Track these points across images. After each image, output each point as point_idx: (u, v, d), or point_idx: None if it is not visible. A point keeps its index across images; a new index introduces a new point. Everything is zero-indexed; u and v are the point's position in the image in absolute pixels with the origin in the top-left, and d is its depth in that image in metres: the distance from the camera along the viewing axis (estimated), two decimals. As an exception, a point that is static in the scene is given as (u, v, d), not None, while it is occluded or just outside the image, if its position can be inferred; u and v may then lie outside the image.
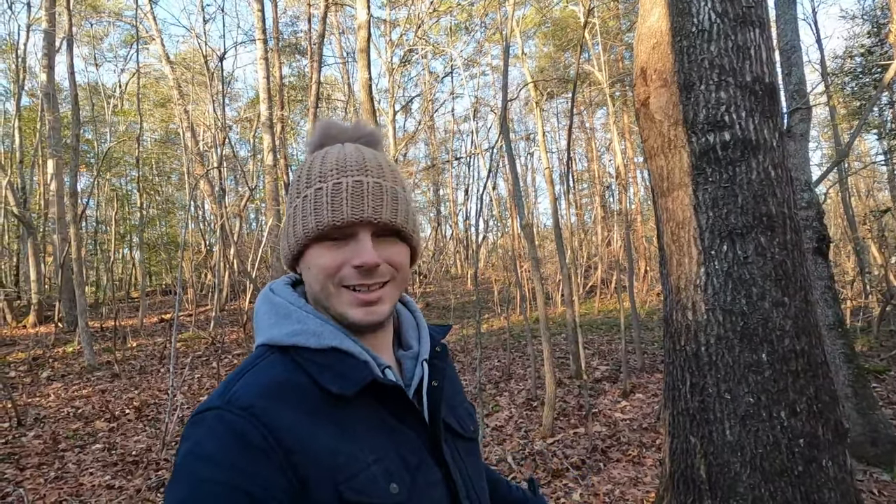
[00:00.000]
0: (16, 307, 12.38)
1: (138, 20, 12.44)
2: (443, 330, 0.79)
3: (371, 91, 5.69)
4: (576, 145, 20.94)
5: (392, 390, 0.61)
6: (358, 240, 0.61)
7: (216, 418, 0.52)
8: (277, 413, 0.54)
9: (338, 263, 0.61)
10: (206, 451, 0.50)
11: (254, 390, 0.55)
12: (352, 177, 0.62)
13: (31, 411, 5.39)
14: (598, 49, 7.51)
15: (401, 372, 0.70)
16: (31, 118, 15.17)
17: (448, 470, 0.64)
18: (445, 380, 0.70)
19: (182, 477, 0.50)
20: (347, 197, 0.61)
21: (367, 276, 0.61)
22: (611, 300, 12.20)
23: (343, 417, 0.58)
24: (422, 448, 0.63)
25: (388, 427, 0.61)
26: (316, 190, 0.62)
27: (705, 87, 1.94)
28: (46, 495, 3.29)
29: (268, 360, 0.60)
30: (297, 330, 0.61)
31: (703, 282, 1.92)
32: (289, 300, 0.65)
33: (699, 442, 1.90)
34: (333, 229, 0.61)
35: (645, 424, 4.15)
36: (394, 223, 0.63)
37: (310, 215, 0.61)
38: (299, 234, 0.62)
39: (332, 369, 0.59)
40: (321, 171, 0.63)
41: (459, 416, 0.73)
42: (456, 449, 0.68)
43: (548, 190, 6.55)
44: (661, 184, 2.09)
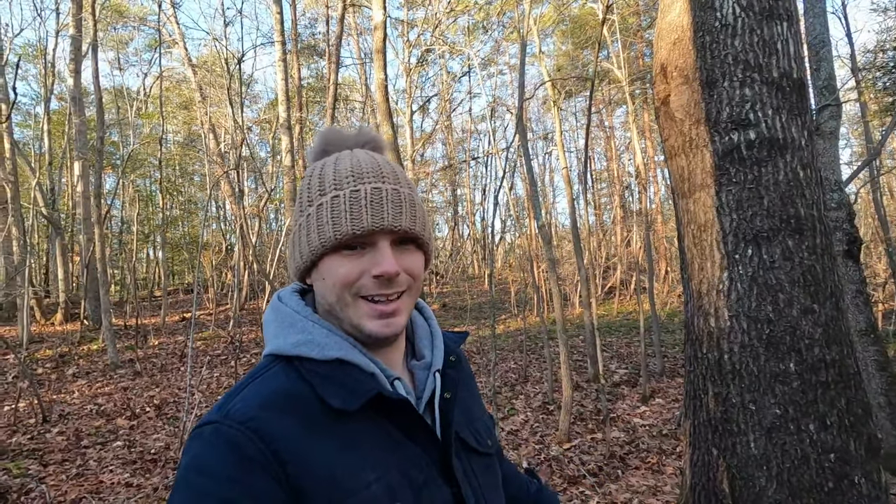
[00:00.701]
0: (45, 305, 12.76)
1: (161, 24, 12.70)
2: (459, 337, 0.76)
3: (387, 92, 5.67)
4: (595, 144, 20.69)
5: (399, 404, 0.59)
6: (377, 248, 0.59)
7: (214, 432, 0.52)
8: (276, 426, 0.53)
9: (356, 273, 0.59)
10: (204, 464, 0.50)
11: (254, 402, 0.54)
12: (370, 184, 0.60)
13: (57, 408, 5.53)
14: (618, 46, 7.37)
15: (413, 383, 0.67)
16: (59, 121, 15.64)
17: (459, 488, 0.61)
18: (460, 391, 0.68)
19: (182, 490, 0.50)
20: (367, 204, 0.59)
21: (387, 286, 0.59)
22: (630, 302, 12.00)
23: (346, 432, 0.56)
24: (430, 464, 0.60)
25: (394, 442, 0.58)
26: (332, 198, 0.60)
27: (729, 83, 1.86)
28: (67, 492, 3.35)
29: (271, 371, 0.59)
30: (301, 340, 0.59)
31: (727, 287, 1.84)
32: (295, 309, 0.63)
33: (722, 454, 1.82)
34: (352, 238, 0.59)
35: (665, 431, 4.04)
36: (413, 230, 0.61)
37: (326, 224, 0.59)
38: (314, 244, 0.60)
39: (335, 382, 0.57)
40: (335, 178, 0.61)
41: (475, 430, 0.70)
42: (469, 465, 0.65)
43: (565, 190, 6.45)
44: (681, 185, 2.01)
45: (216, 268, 15.09)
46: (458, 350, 0.74)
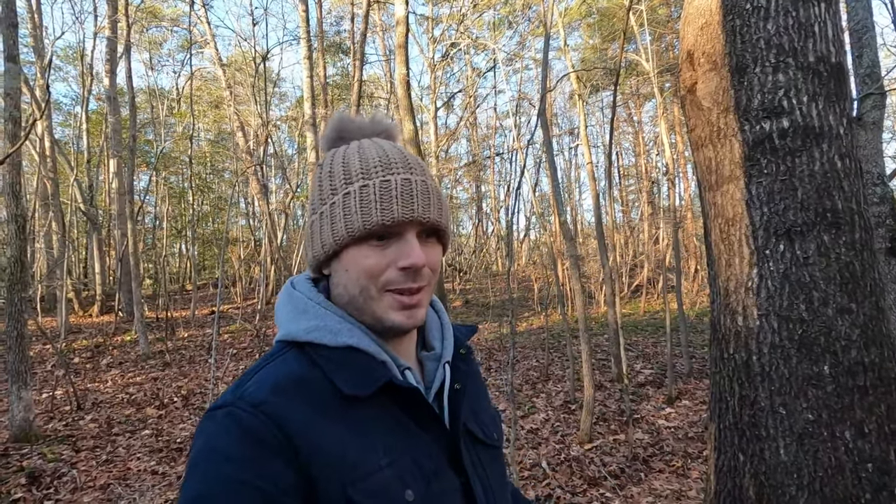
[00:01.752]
0: (83, 297, 13.29)
1: (193, 25, 13.01)
2: (468, 331, 0.76)
3: (409, 87, 5.66)
4: (622, 139, 20.26)
5: (409, 392, 0.59)
6: (405, 240, 0.59)
7: (227, 415, 0.52)
8: (288, 410, 0.53)
9: (383, 265, 0.59)
10: (218, 447, 0.50)
11: (266, 386, 0.54)
12: (400, 174, 0.59)
13: (91, 396, 5.74)
14: (647, 38, 7.16)
15: (422, 374, 0.67)
16: (97, 121, 16.22)
17: (468, 478, 0.61)
18: (469, 383, 0.68)
19: (195, 473, 0.50)
20: (397, 195, 0.58)
21: (413, 279, 0.59)
22: (657, 300, 11.71)
23: (357, 418, 0.56)
24: (440, 454, 0.60)
25: (404, 430, 0.58)
26: (361, 187, 0.59)
27: (761, 69, 1.75)
28: (97, 477, 3.47)
29: (283, 356, 0.59)
30: (314, 326, 0.59)
31: (756, 284, 1.74)
32: (308, 295, 0.63)
33: (749, 460, 1.73)
34: (382, 228, 0.58)
35: (691, 434, 3.91)
36: (439, 223, 0.61)
37: (355, 213, 0.58)
38: (340, 234, 0.59)
39: (347, 368, 0.57)
40: (362, 167, 0.60)
41: (483, 423, 0.70)
42: (477, 456, 0.65)
43: (590, 186, 6.32)
44: (708, 177, 1.92)
45: (244, 263, 15.43)
46: (468, 343, 0.73)
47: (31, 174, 15.34)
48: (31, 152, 11.81)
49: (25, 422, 4.20)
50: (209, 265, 20.98)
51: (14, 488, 3.27)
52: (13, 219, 4.28)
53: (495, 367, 6.48)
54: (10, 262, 4.31)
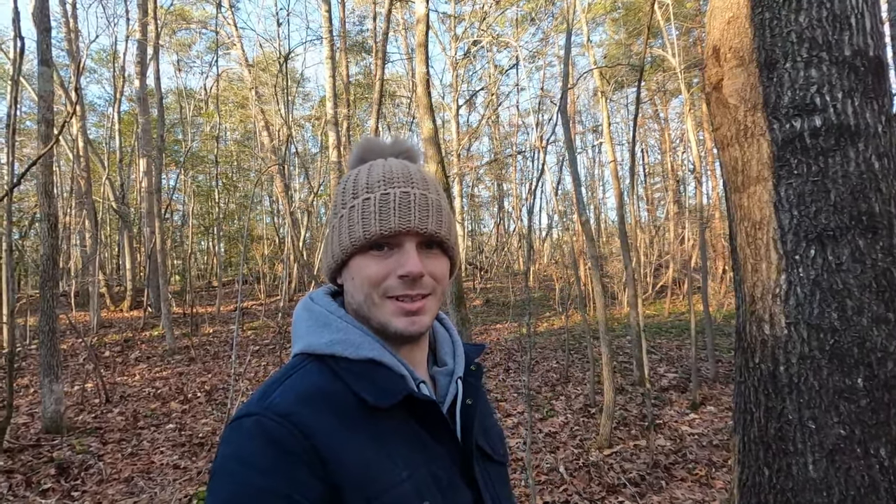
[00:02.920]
0: (115, 293, 13.74)
1: (220, 27, 13.26)
2: (477, 349, 0.77)
3: (428, 85, 5.64)
4: (648, 136, 19.85)
5: (427, 406, 0.61)
6: (404, 250, 0.62)
7: (255, 424, 0.53)
8: (314, 421, 0.54)
9: (383, 273, 0.61)
10: (246, 455, 0.51)
11: (292, 397, 0.56)
12: (399, 188, 0.63)
13: (119, 389, 5.91)
14: (673, 33, 6.97)
15: (434, 389, 0.69)
16: (129, 121, 16.72)
17: (479, 493, 0.63)
18: (479, 400, 0.69)
19: (223, 481, 0.51)
20: (395, 207, 0.62)
21: (412, 287, 0.62)
22: (683, 302, 11.43)
23: (378, 430, 0.58)
24: (453, 468, 0.62)
25: (421, 443, 0.60)
26: (363, 200, 0.62)
27: (791, 64, 1.66)
28: (121, 470, 3.56)
29: (306, 368, 0.60)
30: (336, 339, 0.61)
31: (784, 291, 1.66)
32: (328, 309, 0.65)
33: (775, 475, 1.65)
34: (381, 238, 0.61)
35: (716, 441, 3.79)
36: (438, 234, 0.64)
37: (357, 224, 0.62)
38: (345, 244, 0.63)
39: (368, 380, 0.59)
40: (367, 182, 0.64)
41: (491, 439, 0.72)
42: (487, 472, 0.67)
43: (613, 184, 6.19)
44: (734, 178, 1.84)
45: (268, 260, 15.69)
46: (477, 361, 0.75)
47: (66, 173, 15.93)
48: (66, 152, 12.24)
49: (56, 414, 4.35)
50: (235, 262, 21.43)
51: (44, 478, 3.39)
52: (46, 217, 4.42)
53: (514, 369, 6.42)
54: (43, 259, 4.46)
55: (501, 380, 5.91)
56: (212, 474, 0.53)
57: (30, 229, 12.88)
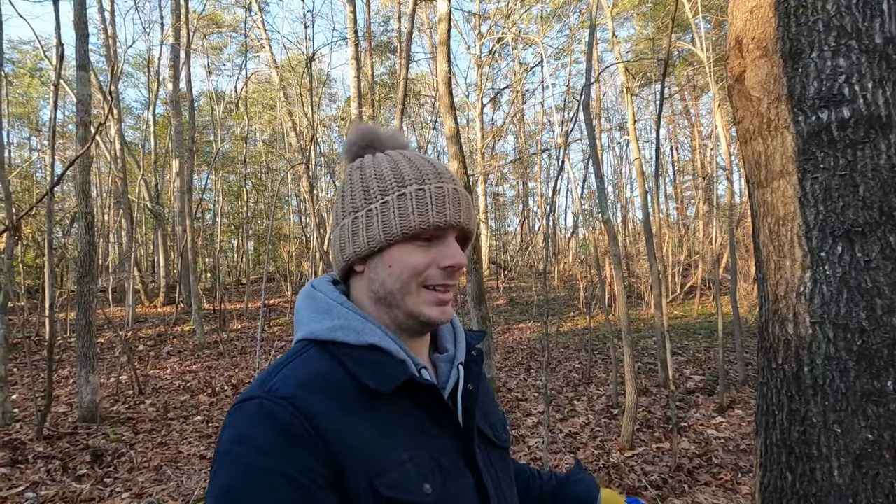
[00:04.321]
0: (150, 289, 14.25)
1: (250, 30, 13.58)
2: (478, 336, 0.78)
3: (450, 84, 5.64)
4: (678, 133, 19.37)
5: (428, 390, 0.61)
6: (447, 243, 0.64)
7: (257, 407, 0.54)
8: (316, 404, 0.55)
9: (426, 263, 0.63)
10: (249, 438, 0.52)
11: (293, 381, 0.57)
12: (450, 183, 0.65)
13: (152, 381, 6.13)
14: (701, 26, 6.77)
15: (436, 375, 0.70)
16: (163, 123, 17.31)
17: (480, 477, 0.64)
18: (480, 385, 0.70)
19: (227, 463, 0.52)
20: (450, 201, 0.63)
21: (451, 277, 0.64)
22: (712, 303, 11.11)
23: (379, 414, 0.58)
24: (455, 452, 0.63)
25: (423, 428, 0.61)
26: (417, 190, 0.63)
27: (818, 54, 1.60)
28: (151, 459, 3.70)
29: (308, 353, 0.61)
30: (337, 325, 0.62)
31: (809, 289, 1.60)
32: (330, 296, 0.66)
33: (798, 480, 1.59)
34: (434, 229, 0.63)
35: (743, 446, 3.68)
36: (473, 232, 0.68)
37: (411, 214, 0.62)
38: (392, 231, 0.62)
39: (369, 365, 0.60)
40: (416, 173, 0.64)
41: (493, 424, 0.73)
42: (488, 456, 0.68)
43: (638, 182, 6.07)
44: (757, 172, 1.78)
45: (294, 258, 15.99)
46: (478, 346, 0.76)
47: (105, 174, 16.58)
48: (104, 154, 12.77)
49: (92, 404, 4.54)
50: (264, 260, 21.92)
51: (80, 465, 3.54)
52: (83, 216, 4.62)
53: (535, 368, 6.37)
54: (81, 256, 4.66)
55: (523, 379, 5.88)
56: (215, 456, 0.54)
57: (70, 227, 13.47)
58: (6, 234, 4.24)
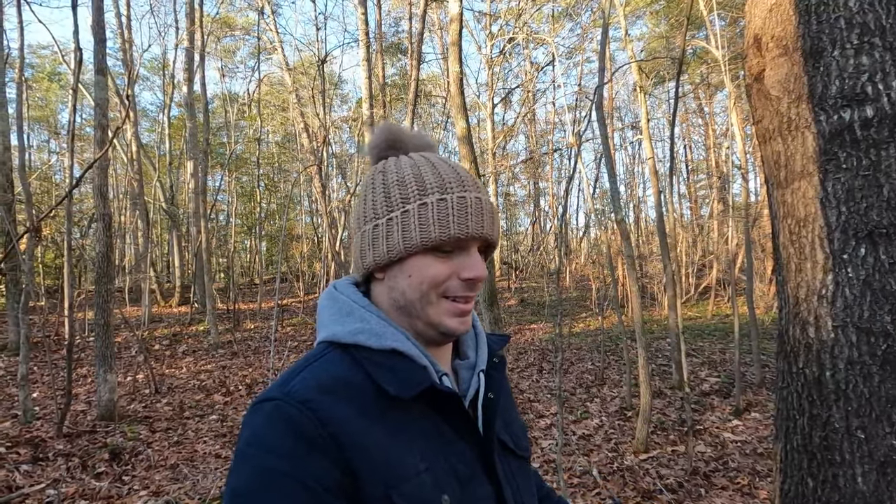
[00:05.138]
0: (165, 289, 14.44)
1: (262, 32, 13.70)
2: (501, 340, 0.76)
3: (462, 85, 5.64)
4: (692, 132, 19.15)
5: (449, 398, 0.60)
6: (469, 254, 0.62)
7: (274, 408, 0.54)
8: (333, 408, 0.54)
9: (446, 274, 0.61)
10: (264, 439, 0.52)
11: (312, 384, 0.56)
12: (473, 193, 0.63)
13: (167, 381, 6.21)
14: (716, 23, 6.68)
15: (457, 382, 0.69)
16: (178, 126, 17.54)
17: (500, 487, 0.63)
18: (501, 393, 0.69)
19: (242, 464, 0.52)
20: (472, 212, 0.61)
21: (471, 289, 0.63)
22: (727, 304, 10.97)
23: (397, 420, 0.57)
24: (474, 461, 0.62)
25: (442, 436, 0.60)
26: (438, 200, 0.61)
27: (840, 52, 1.57)
28: (168, 457, 3.75)
29: (328, 356, 0.60)
30: (359, 329, 0.61)
31: (831, 292, 1.57)
32: (353, 299, 0.65)
33: (820, 486, 1.56)
34: (456, 241, 0.61)
35: (760, 449, 3.62)
36: (496, 242, 0.65)
37: (432, 225, 0.60)
38: (413, 241, 0.61)
39: (390, 370, 0.59)
40: (437, 181, 0.62)
41: (514, 433, 0.72)
42: (509, 466, 0.67)
43: (651, 181, 6.01)
44: (777, 173, 1.75)
45: (306, 259, 16.10)
46: (500, 353, 0.74)
47: (121, 176, 16.86)
48: (121, 156, 12.97)
49: (110, 402, 4.62)
50: (276, 260, 22.11)
51: (98, 463, 3.60)
52: (101, 217, 4.70)
53: (548, 369, 6.34)
54: (98, 257, 4.74)
55: (535, 380, 5.85)
56: (234, 456, 0.54)
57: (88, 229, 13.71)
58: (27, 235, 4.33)
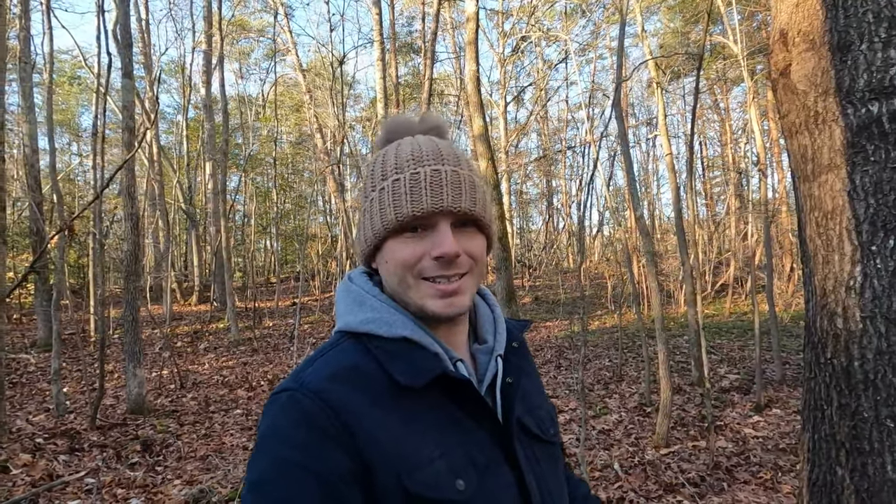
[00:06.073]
0: (184, 288, 14.71)
1: (276, 34, 13.87)
2: (521, 325, 0.76)
3: (479, 83, 5.68)
4: (707, 128, 18.93)
5: (462, 385, 0.59)
6: (438, 230, 0.60)
7: (290, 399, 0.55)
8: (345, 398, 0.55)
9: (417, 255, 0.60)
10: (279, 430, 0.53)
11: (324, 374, 0.57)
12: (429, 166, 0.60)
13: (191, 376, 6.36)
14: (735, 18, 6.63)
15: (475, 367, 0.67)
16: (195, 127, 17.84)
17: (521, 473, 0.61)
18: (522, 377, 0.68)
19: (261, 453, 0.53)
20: (426, 186, 0.59)
21: (447, 268, 0.60)
22: (745, 301, 10.86)
23: (410, 408, 0.57)
24: (493, 447, 0.60)
25: (457, 423, 0.59)
26: (393, 181, 0.60)
27: (868, 45, 1.59)
28: (197, 449, 3.86)
29: (341, 346, 0.61)
30: (369, 318, 0.61)
31: (859, 283, 1.59)
32: (364, 288, 0.65)
33: (849, 475, 1.58)
34: (413, 219, 0.59)
35: (782, 445, 3.62)
36: (473, 212, 0.61)
37: (388, 207, 0.60)
38: (377, 228, 0.61)
39: (401, 359, 0.58)
40: (396, 162, 0.61)
41: (538, 417, 0.70)
42: (532, 451, 0.65)
43: (669, 178, 5.99)
44: (804, 166, 1.77)
45: (322, 257, 16.26)
46: (521, 337, 0.73)
47: (140, 177, 17.18)
48: (141, 158, 13.25)
49: (139, 396, 4.75)
50: (290, 259, 22.36)
51: (131, 454, 3.73)
52: (129, 217, 4.84)
53: (566, 366, 6.36)
54: (126, 255, 4.88)
55: (553, 376, 5.88)
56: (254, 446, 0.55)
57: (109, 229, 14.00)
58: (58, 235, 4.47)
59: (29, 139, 7.74)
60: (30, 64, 7.70)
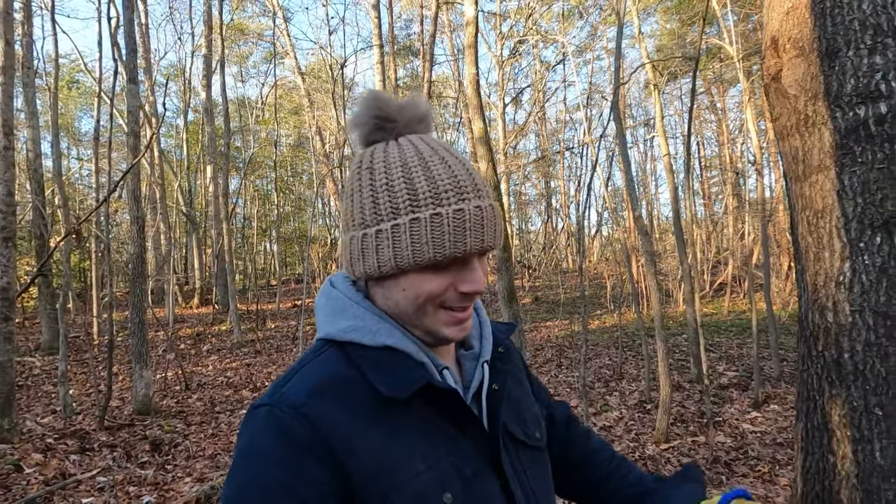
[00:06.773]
0: (185, 291, 14.76)
1: (275, 38, 13.96)
2: (507, 329, 0.75)
3: (478, 86, 5.75)
4: (704, 128, 19.05)
5: (447, 395, 0.58)
6: (469, 266, 0.58)
7: (267, 414, 0.53)
8: (325, 412, 0.53)
9: (444, 288, 0.58)
10: (257, 446, 0.52)
11: (304, 388, 0.55)
12: (472, 202, 0.57)
13: (196, 378, 6.42)
14: (730, 19, 6.72)
15: (460, 373, 0.66)
16: (195, 130, 17.90)
17: (507, 481, 0.60)
18: (508, 383, 0.67)
19: (238, 468, 0.52)
20: (471, 226, 0.56)
21: (470, 300, 0.60)
22: (743, 300, 10.95)
23: (394, 420, 0.55)
24: (479, 456, 0.59)
25: (443, 433, 0.58)
26: (433, 215, 0.55)
27: (854, 52, 1.67)
28: (205, 448, 3.92)
29: (323, 355, 0.59)
30: (352, 326, 0.59)
31: (848, 279, 1.66)
32: (347, 295, 0.63)
33: (840, 462, 1.66)
34: (452, 260, 0.57)
35: (780, 439, 3.69)
36: (498, 246, 0.60)
37: (426, 244, 0.55)
38: (405, 260, 0.56)
39: (385, 369, 0.57)
40: (431, 190, 0.56)
41: (524, 423, 0.68)
42: (518, 458, 0.64)
43: (667, 178, 6.07)
44: (795, 167, 1.85)
45: (322, 260, 16.32)
46: (507, 341, 0.73)
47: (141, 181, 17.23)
48: (142, 162, 13.31)
49: (146, 398, 4.81)
50: (290, 262, 22.42)
51: (141, 453, 3.79)
52: (134, 220, 4.90)
53: (566, 365, 6.43)
54: (132, 258, 4.94)
55: (553, 375, 5.95)
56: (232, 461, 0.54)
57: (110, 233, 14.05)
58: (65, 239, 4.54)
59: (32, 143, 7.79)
60: (32, 69, 7.76)
